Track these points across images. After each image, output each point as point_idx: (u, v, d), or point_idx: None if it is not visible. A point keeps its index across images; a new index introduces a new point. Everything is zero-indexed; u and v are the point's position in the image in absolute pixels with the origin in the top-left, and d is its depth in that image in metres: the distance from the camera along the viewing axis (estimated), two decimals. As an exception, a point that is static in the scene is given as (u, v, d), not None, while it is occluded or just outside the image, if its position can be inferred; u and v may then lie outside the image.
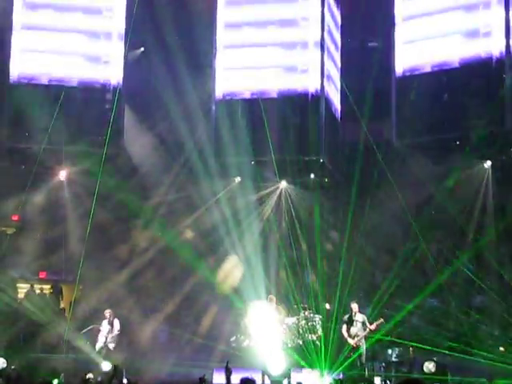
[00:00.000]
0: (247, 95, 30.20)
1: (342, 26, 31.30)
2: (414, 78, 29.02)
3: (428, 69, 29.01)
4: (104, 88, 30.03)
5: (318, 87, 29.53)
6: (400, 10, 29.75)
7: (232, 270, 25.97)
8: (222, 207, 27.60)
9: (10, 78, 29.17)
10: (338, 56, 31.14)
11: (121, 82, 29.89)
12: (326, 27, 30.00)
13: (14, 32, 29.28)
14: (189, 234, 28.15)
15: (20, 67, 29.33)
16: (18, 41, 29.35)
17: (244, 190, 28.35)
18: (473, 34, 27.93)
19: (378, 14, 30.25)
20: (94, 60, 30.02)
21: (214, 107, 30.39)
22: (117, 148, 28.73)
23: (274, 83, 29.99)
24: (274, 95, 29.96)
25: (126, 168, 29.01)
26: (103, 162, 25.29)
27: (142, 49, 30.61)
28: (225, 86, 30.40)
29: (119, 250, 27.40)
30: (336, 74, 30.96)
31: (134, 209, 28.04)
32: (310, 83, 29.62)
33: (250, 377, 10.86)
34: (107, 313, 20.35)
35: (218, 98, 30.28)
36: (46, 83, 29.25)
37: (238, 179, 28.88)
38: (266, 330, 22.58)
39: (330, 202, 28.19)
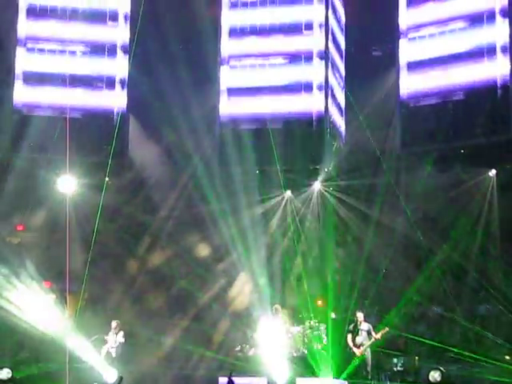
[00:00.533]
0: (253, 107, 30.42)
1: (346, 35, 31.40)
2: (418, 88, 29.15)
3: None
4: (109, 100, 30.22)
5: (323, 97, 29.67)
6: (404, 20, 29.83)
7: (243, 288, 25.96)
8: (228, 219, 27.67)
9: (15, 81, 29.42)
10: (342, 65, 31.23)
11: (125, 92, 30.08)
12: (330, 37, 30.11)
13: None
14: (199, 248, 28.07)
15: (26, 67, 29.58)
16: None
17: (249, 201, 28.30)
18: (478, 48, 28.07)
19: (383, 24, 30.36)
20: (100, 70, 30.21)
21: (218, 117, 30.52)
22: (122, 159, 28.82)
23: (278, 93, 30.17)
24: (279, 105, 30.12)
25: (131, 178, 29.09)
26: (108, 172, 25.47)
27: None
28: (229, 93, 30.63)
29: (125, 261, 27.39)
30: (341, 83, 31.03)
31: (141, 221, 28.11)
32: (314, 96, 29.76)
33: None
34: (114, 323, 20.28)
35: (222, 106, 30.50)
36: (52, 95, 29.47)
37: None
38: (272, 338, 22.57)
39: (336, 210, 28.15)
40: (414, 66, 29.35)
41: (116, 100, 30.15)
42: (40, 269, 24.22)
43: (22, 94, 29.45)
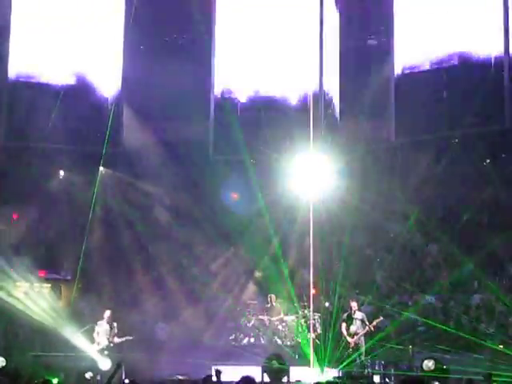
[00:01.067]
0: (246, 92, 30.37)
1: (340, 23, 31.20)
2: (413, 76, 29.04)
3: (427, 66, 29.00)
4: (103, 88, 30.04)
5: (317, 86, 29.59)
6: (399, 6, 29.71)
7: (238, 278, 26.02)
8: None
9: (8, 77, 29.12)
10: (337, 53, 31.09)
11: (120, 80, 29.93)
12: (324, 25, 30.00)
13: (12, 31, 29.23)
14: (195, 239, 27.99)
15: (18, 66, 29.24)
16: (16, 40, 29.27)
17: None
18: (472, 31, 27.98)
19: (377, 11, 30.25)
20: (93, 58, 29.99)
21: (212, 103, 30.46)
22: (116, 147, 28.76)
23: (273, 80, 30.10)
24: (274, 92, 30.05)
25: (126, 168, 29.07)
26: (102, 162, 25.46)
27: None
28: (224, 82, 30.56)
29: (120, 251, 27.36)
30: (335, 72, 30.90)
31: (136, 210, 28.14)
32: (308, 81, 29.69)
33: (250, 376, 10.90)
34: (107, 313, 20.26)
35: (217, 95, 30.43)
36: (44, 82, 29.16)
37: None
38: (266, 328, 22.66)
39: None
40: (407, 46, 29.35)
41: (110, 88, 30.04)
42: (34, 258, 24.22)
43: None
